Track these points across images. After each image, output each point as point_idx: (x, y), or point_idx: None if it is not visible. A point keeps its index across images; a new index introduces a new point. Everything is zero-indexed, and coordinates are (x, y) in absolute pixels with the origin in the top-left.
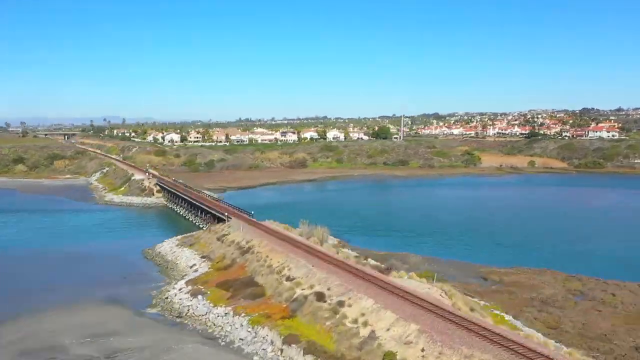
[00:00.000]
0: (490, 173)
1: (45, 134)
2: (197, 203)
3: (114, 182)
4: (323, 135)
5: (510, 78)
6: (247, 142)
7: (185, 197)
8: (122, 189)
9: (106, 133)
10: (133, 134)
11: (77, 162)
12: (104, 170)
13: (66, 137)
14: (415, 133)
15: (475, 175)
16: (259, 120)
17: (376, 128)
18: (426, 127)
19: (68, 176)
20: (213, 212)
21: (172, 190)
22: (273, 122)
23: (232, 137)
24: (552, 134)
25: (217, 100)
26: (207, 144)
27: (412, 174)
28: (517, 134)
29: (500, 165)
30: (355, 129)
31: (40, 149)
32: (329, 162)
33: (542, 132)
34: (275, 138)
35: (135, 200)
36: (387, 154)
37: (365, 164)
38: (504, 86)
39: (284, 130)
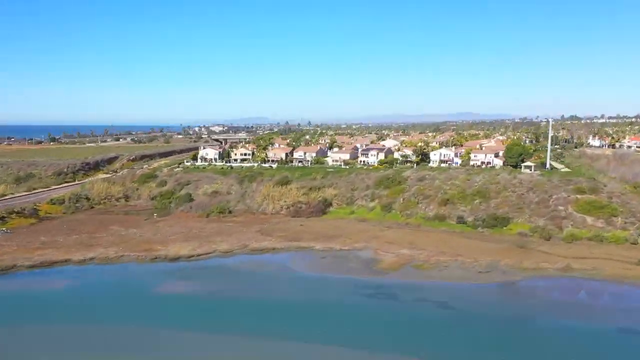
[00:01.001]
0: None
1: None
2: None
3: None
4: (418, 155)
5: None
6: (301, 164)
7: None
8: None
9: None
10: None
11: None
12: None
13: (222, 142)
14: None
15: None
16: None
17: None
18: None
19: None
20: None
21: None
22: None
23: (296, 155)
24: None
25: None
26: (248, 164)
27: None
28: None
29: None
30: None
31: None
32: (372, 207)
33: None
34: (351, 159)
35: None
36: (483, 198)
37: (429, 217)
38: None
39: (367, 148)
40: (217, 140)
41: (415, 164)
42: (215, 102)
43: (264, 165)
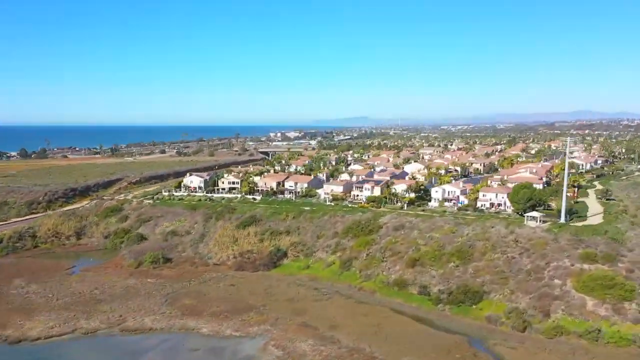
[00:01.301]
0: None
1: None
2: None
3: None
4: (416, 191)
5: None
6: (290, 196)
7: None
8: None
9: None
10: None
11: None
12: None
13: (268, 155)
14: None
15: None
16: None
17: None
18: None
19: None
20: None
21: None
22: None
23: (287, 185)
24: None
25: None
26: (232, 195)
27: None
28: None
29: None
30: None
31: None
32: (331, 262)
33: None
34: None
35: None
36: (462, 260)
37: (389, 282)
38: None
39: (361, 180)
40: (265, 153)
41: (405, 204)
42: (321, 101)
43: (247, 197)
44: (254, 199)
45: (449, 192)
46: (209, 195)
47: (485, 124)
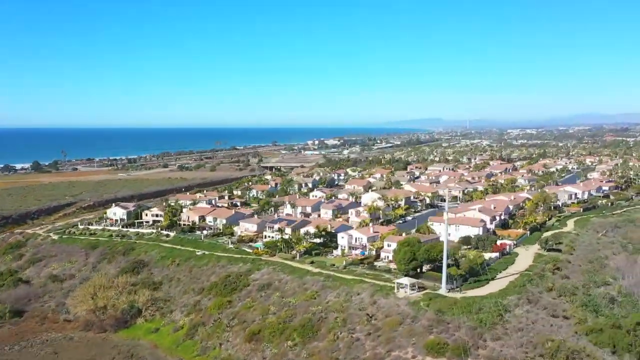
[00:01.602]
0: None
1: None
2: None
3: None
4: (322, 236)
5: None
6: (211, 231)
7: None
8: None
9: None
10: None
11: None
12: None
13: (276, 169)
14: None
15: None
16: None
17: None
18: None
19: None
20: None
21: None
22: None
23: (208, 220)
24: None
25: None
26: (146, 230)
27: None
28: None
29: None
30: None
31: None
32: (181, 325)
33: None
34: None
35: None
36: (304, 338)
37: None
38: None
39: (275, 219)
40: (267, 167)
41: (299, 253)
42: (398, 102)
43: (162, 232)
44: (167, 235)
45: (356, 238)
46: (125, 229)
47: (560, 126)
